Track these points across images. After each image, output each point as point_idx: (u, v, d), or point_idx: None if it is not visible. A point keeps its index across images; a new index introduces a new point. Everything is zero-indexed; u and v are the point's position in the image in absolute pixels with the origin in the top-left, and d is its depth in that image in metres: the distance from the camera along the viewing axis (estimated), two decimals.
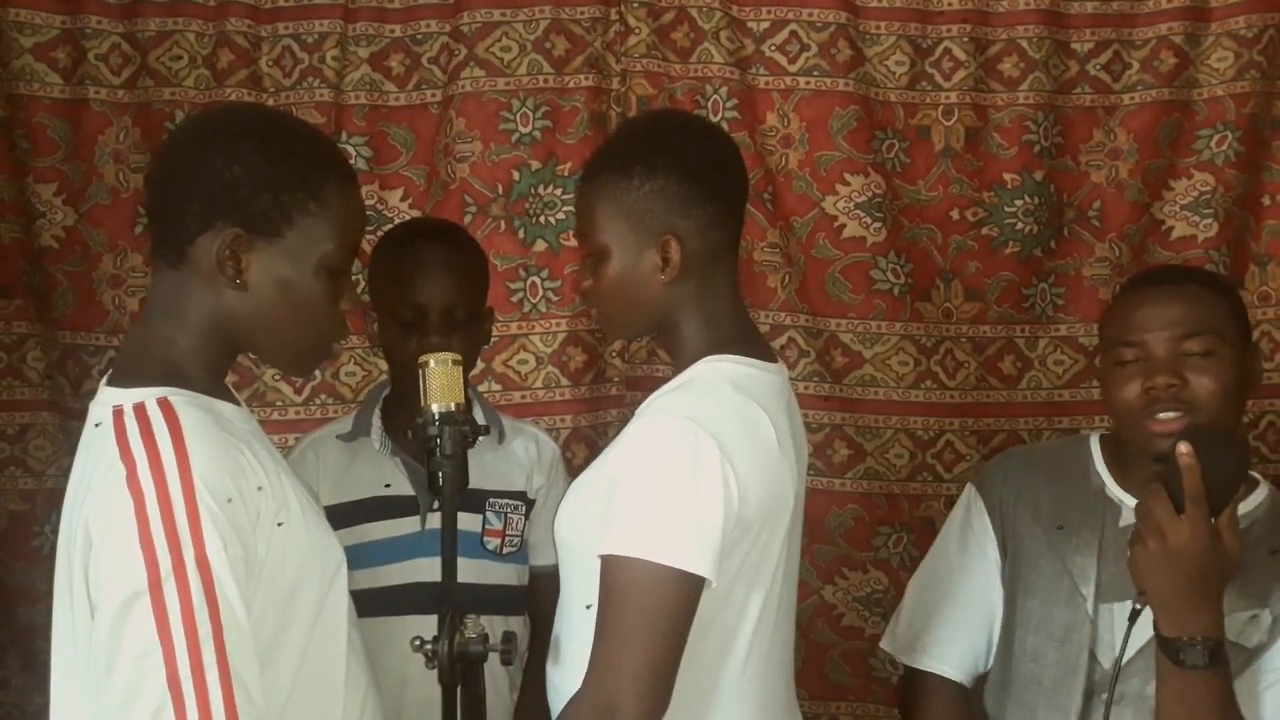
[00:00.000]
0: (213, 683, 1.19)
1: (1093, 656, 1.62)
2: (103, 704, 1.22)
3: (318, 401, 2.47)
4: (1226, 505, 1.44)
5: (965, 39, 2.44)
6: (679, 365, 1.55)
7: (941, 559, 1.80)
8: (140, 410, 1.29)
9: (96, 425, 1.32)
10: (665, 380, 1.56)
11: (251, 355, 2.21)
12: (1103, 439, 1.76)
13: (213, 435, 1.29)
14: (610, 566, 1.39)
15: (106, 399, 1.33)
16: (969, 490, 1.81)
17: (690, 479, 1.39)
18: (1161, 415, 1.57)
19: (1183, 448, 1.42)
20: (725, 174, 1.58)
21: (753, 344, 1.58)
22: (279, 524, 1.32)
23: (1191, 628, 1.43)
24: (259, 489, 1.30)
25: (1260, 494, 1.68)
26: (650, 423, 1.46)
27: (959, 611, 1.76)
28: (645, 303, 1.53)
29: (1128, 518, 1.62)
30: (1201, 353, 1.58)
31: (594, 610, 1.43)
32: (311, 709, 1.37)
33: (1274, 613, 1.57)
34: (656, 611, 1.37)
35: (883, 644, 1.86)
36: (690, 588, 1.38)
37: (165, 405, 1.29)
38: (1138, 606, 1.48)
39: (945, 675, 1.76)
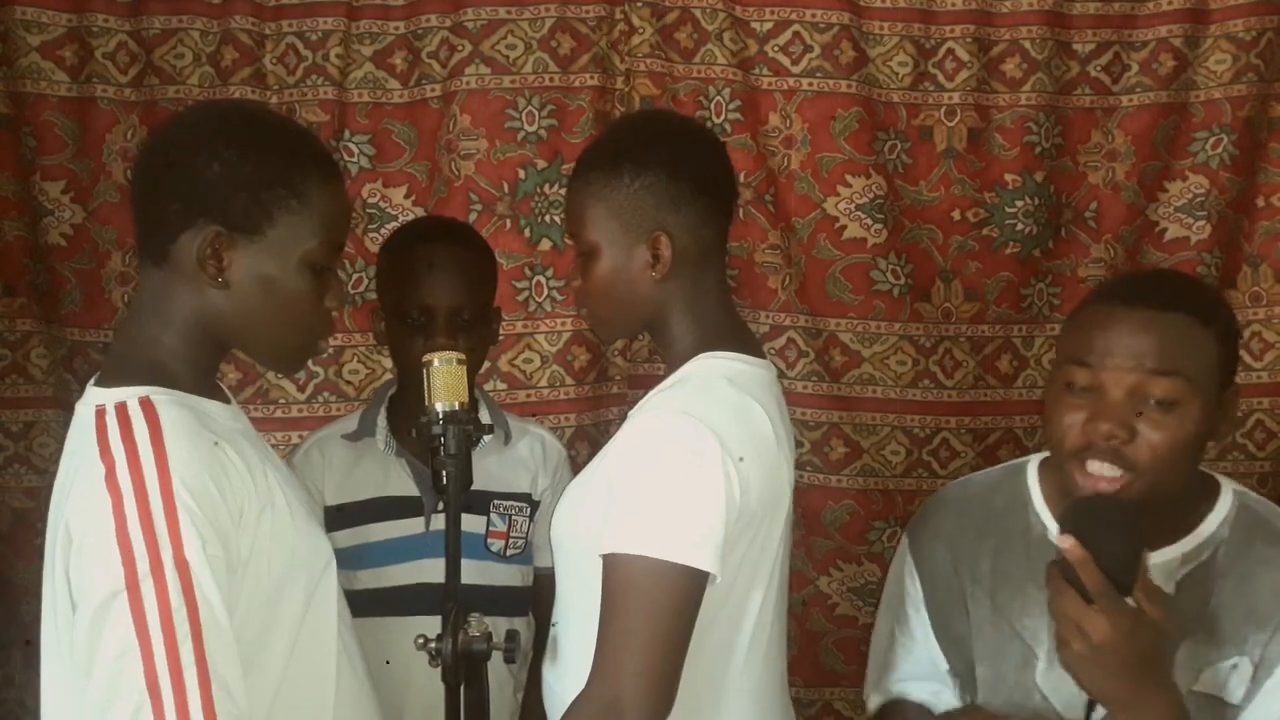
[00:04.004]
0: (191, 683, 1.19)
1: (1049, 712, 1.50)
2: (83, 703, 1.22)
3: (320, 399, 2.48)
4: (1136, 577, 1.30)
5: (968, 40, 2.45)
6: (670, 363, 1.56)
7: (891, 620, 1.68)
8: (122, 409, 1.29)
9: (79, 423, 1.33)
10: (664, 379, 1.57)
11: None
12: (1042, 465, 1.60)
13: (193, 434, 1.28)
14: (613, 565, 1.39)
15: (91, 398, 1.33)
16: (904, 546, 1.67)
17: (691, 474, 1.40)
18: (1093, 467, 1.39)
19: (1065, 544, 1.28)
20: (714, 172, 1.58)
21: (743, 340, 1.59)
22: (261, 522, 1.32)
23: (1151, 718, 1.32)
24: (241, 487, 1.30)
25: (1223, 507, 1.48)
26: (647, 420, 1.47)
27: (918, 656, 1.66)
28: (636, 300, 1.54)
29: None
30: (1163, 401, 1.37)
31: (590, 609, 1.43)
32: (300, 709, 1.37)
33: (1253, 659, 1.42)
34: (660, 609, 1.37)
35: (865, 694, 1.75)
36: (694, 583, 1.38)
37: (147, 404, 1.29)
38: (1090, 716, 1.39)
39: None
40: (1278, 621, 1.42)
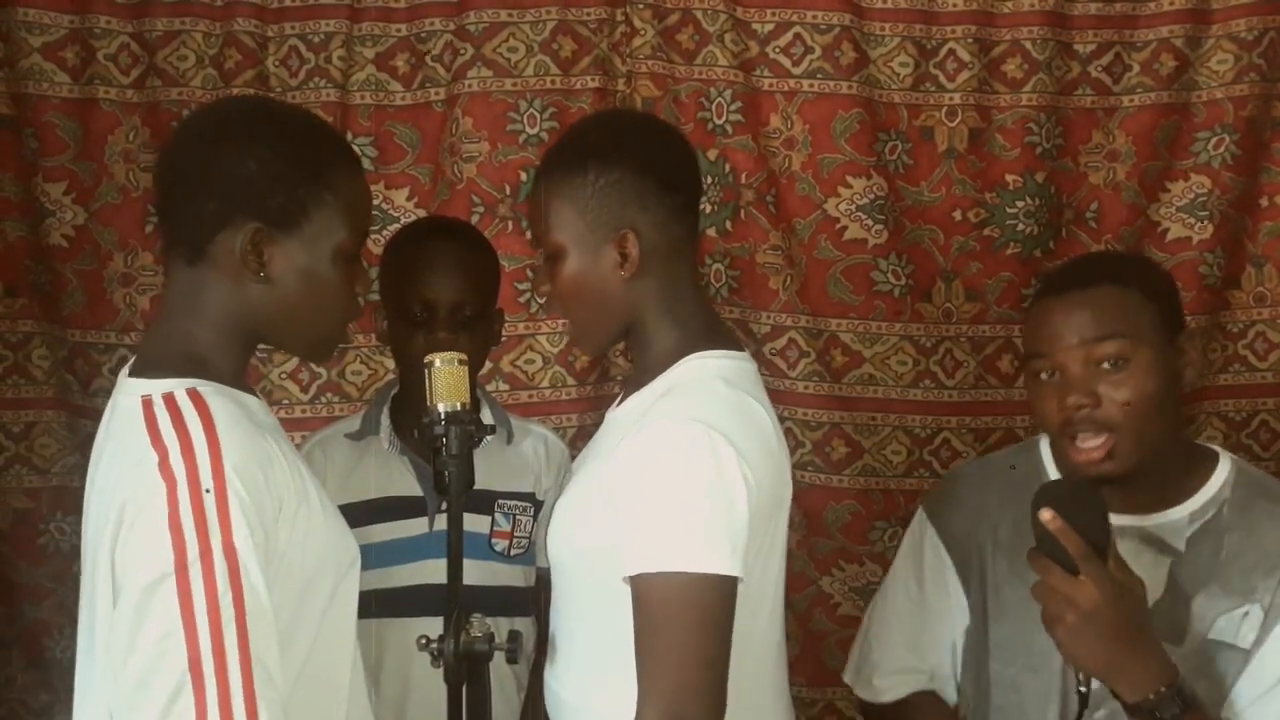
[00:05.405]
0: (233, 666, 1.19)
1: (1067, 676, 1.54)
2: (120, 684, 1.22)
3: (324, 400, 2.48)
4: (1109, 541, 1.38)
5: (969, 40, 2.45)
6: (650, 366, 1.53)
7: (902, 593, 1.73)
8: (169, 399, 1.29)
9: (123, 414, 1.33)
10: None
11: (259, 353, 2.21)
12: (1054, 441, 1.67)
13: (242, 425, 1.30)
14: (647, 586, 1.36)
15: (134, 389, 1.33)
16: (920, 518, 1.74)
17: (713, 483, 1.38)
18: (1080, 442, 1.52)
19: (1045, 515, 1.36)
20: (681, 169, 1.56)
21: (724, 336, 1.57)
22: (299, 515, 1.32)
23: (1151, 682, 1.36)
24: (283, 479, 1.31)
25: (1223, 471, 1.58)
26: (655, 431, 1.42)
27: (925, 644, 1.70)
28: (608, 302, 1.51)
29: None
30: (1113, 360, 1.50)
31: (591, 616, 1.42)
32: (316, 705, 1.37)
33: (1264, 606, 1.50)
34: (703, 622, 1.35)
35: (845, 677, 1.81)
36: (728, 590, 1.37)
37: (195, 395, 1.30)
38: (1083, 690, 1.41)
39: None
40: None
